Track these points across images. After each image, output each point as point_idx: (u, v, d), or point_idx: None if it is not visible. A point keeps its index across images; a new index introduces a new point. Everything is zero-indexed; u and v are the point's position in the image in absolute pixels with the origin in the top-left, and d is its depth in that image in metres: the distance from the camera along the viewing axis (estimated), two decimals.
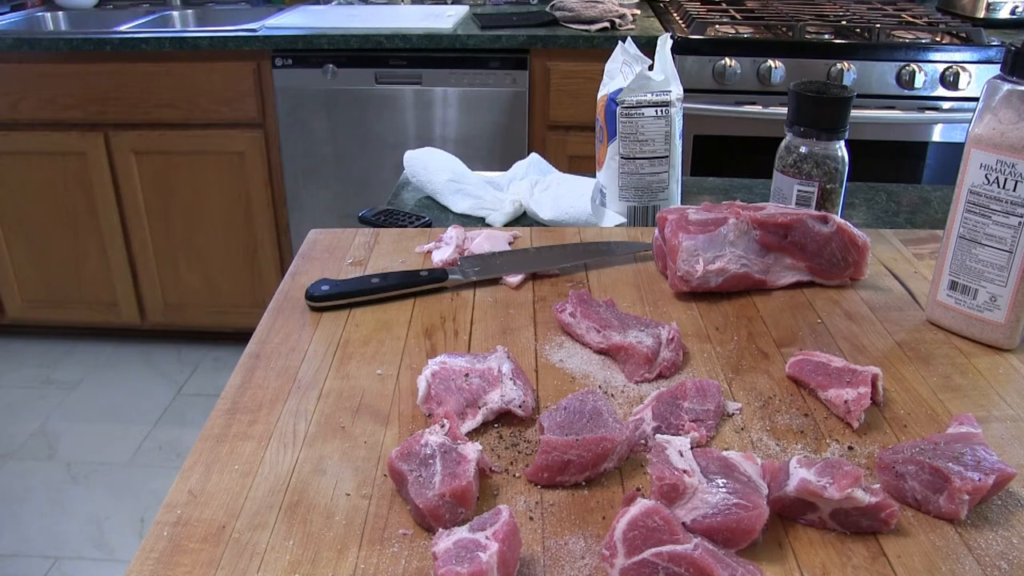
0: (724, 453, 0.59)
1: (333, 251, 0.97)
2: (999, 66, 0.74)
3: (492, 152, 2.39)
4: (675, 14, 2.53)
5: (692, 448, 0.59)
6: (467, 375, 0.69)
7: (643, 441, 0.64)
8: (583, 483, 0.61)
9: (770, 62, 2.15)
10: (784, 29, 2.28)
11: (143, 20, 2.58)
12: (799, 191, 0.94)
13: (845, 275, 0.88)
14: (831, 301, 0.86)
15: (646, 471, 0.61)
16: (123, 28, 2.42)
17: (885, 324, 0.82)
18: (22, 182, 2.52)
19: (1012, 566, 0.53)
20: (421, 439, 0.60)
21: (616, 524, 0.52)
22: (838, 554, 0.55)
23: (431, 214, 1.14)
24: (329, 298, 0.84)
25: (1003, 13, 2.43)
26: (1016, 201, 0.73)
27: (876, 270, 0.92)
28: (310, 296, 0.84)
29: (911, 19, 2.35)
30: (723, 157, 2.27)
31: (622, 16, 2.36)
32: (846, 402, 0.66)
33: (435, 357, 0.72)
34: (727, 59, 2.15)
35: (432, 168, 1.18)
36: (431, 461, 0.59)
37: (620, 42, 1.11)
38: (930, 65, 2.13)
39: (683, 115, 1.06)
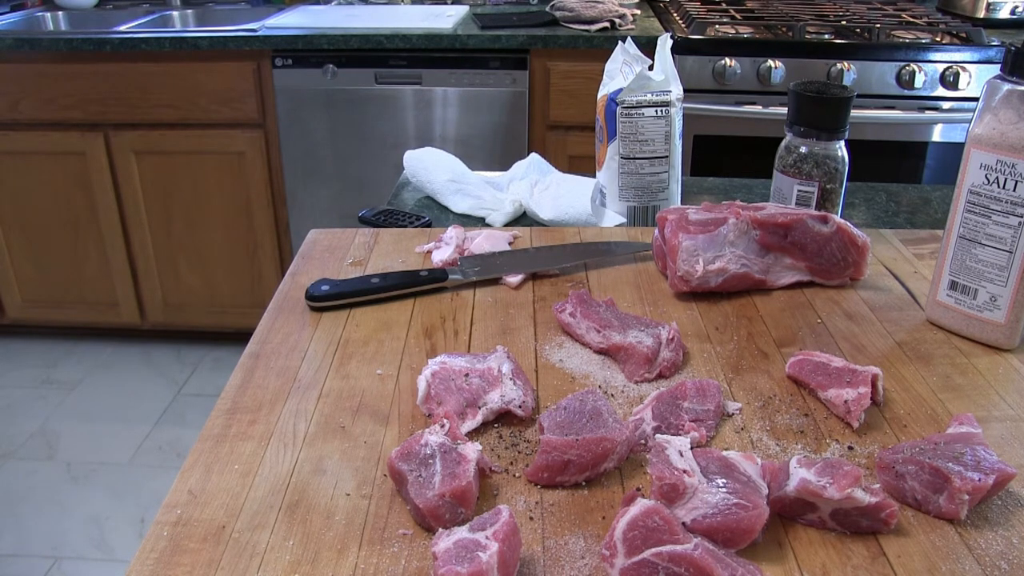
0: (724, 453, 0.59)
1: (333, 251, 0.97)
2: (999, 66, 0.74)
3: (492, 152, 2.39)
4: (675, 14, 2.53)
5: (692, 448, 0.59)
6: (467, 375, 0.69)
7: (643, 441, 0.64)
8: (583, 483, 0.61)
9: (770, 62, 2.15)
10: (784, 29, 2.28)
11: (143, 20, 2.58)
12: (799, 191, 0.94)
13: (845, 275, 0.88)
14: (831, 301, 0.86)
15: (646, 471, 0.61)
16: (123, 28, 2.42)
17: (885, 324, 0.82)
18: (22, 182, 2.52)
19: (1012, 566, 0.53)
20: (421, 439, 0.60)
21: (616, 524, 0.52)
22: (838, 554, 0.55)
23: (431, 214, 1.14)
24: (329, 298, 0.84)
25: (1003, 13, 2.43)
26: (1016, 201, 0.73)
27: (876, 270, 0.92)
28: (310, 296, 0.84)
29: (911, 19, 2.35)
30: (723, 157, 2.27)
31: (622, 16, 2.36)
32: (846, 402, 0.66)
33: (435, 357, 0.72)
34: (727, 59, 2.15)
35: (432, 168, 1.18)
36: (431, 461, 0.59)
37: (620, 42, 1.11)
38: (930, 65, 2.13)
39: (683, 115, 1.06)
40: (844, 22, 2.31)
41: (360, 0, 2.82)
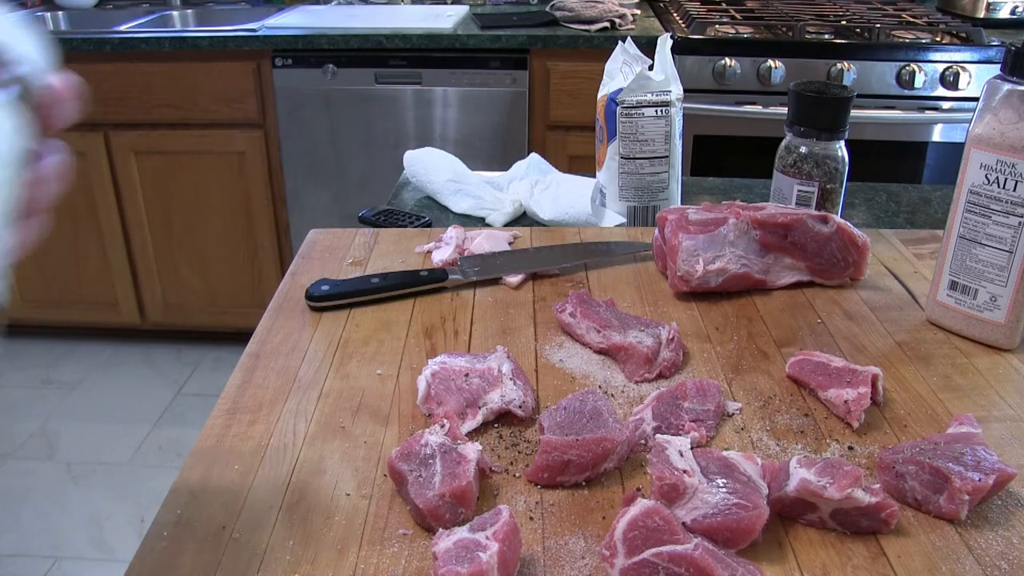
0: (724, 453, 0.58)
1: (333, 251, 0.97)
2: (999, 66, 0.74)
3: (492, 152, 2.39)
4: (675, 14, 2.53)
5: (692, 448, 0.59)
6: (467, 375, 0.69)
7: (643, 441, 0.64)
8: (583, 483, 0.61)
9: (770, 62, 2.15)
10: (784, 29, 2.28)
11: (143, 20, 2.58)
12: (799, 191, 0.94)
13: (845, 275, 0.88)
14: (831, 301, 0.86)
15: (646, 471, 0.61)
16: (123, 28, 2.42)
17: (885, 324, 0.82)
18: None
19: (1012, 566, 0.53)
20: (421, 439, 0.60)
21: (616, 524, 0.52)
22: (838, 554, 0.55)
23: (431, 214, 1.14)
24: (329, 298, 0.84)
25: (1003, 13, 2.43)
26: (1016, 201, 0.73)
27: (876, 270, 0.92)
28: (310, 296, 0.84)
29: (911, 19, 2.35)
30: (723, 157, 2.27)
31: (622, 16, 2.36)
32: (846, 402, 0.66)
33: (435, 357, 0.72)
34: (727, 59, 2.15)
35: (432, 168, 1.18)
36: (431, 461, 0.59)
37: (620, 42, 1.11)
38: (930, 65, 2.13)
39: (683, 115, 1.06)
40: (844, 22, 2.31)
41: (360, 0, 2.82)
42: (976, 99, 0.77)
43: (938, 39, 2.21)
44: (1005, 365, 0.75)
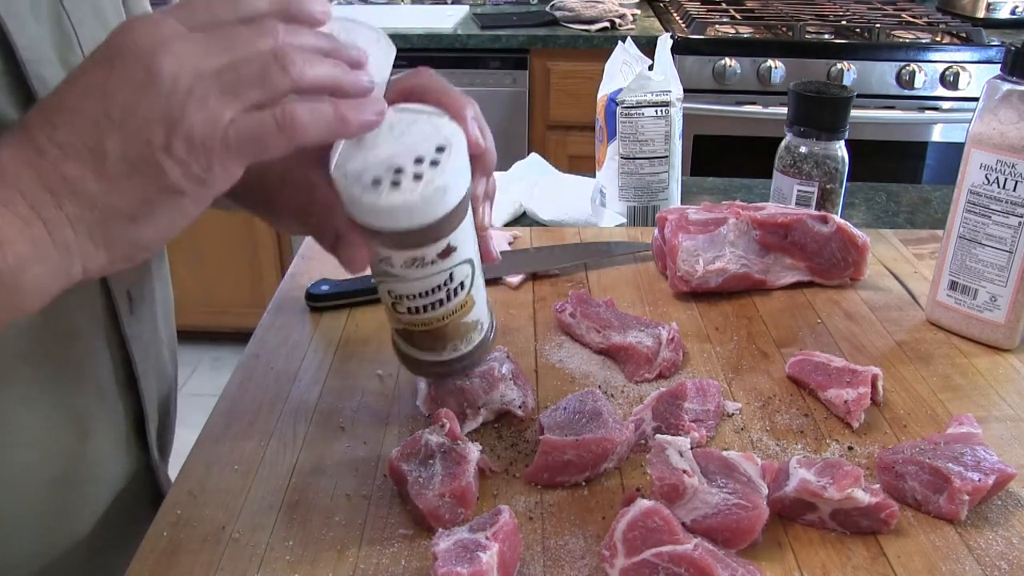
0: (724, 453, 0.58)
1: None
2: (999, 66, 0.74)
3: None
4: (675, 14, 2.54)
5: (692, 448, 0.59)
6: (467, 375, 0.69)
7: (643, 441, 0.64)
8: (583, 483, 0.61)
9: (770, 62, 2.15)
10: (784, 29, 2.28)
11: None
12: (799, 191, 0.94)
13: (845, 275, 0.88)
14: (831, 301, 0.86)
15: (646, 471, 0.61)
16: None
17: (885, 324, 0.82)
18: None
19: (1012, 566, 0.53)
20: (421, 439, 0.60)
21: (616, 524, 0.52)
22: (838, 554, 0.55)
23: None
24: (329, 298, 0.84)
25: (1003, 13, 2.43)
26: (1016, 201, 0.73)
27: (876, 270, 0.92)
28: (310, 296, 0.84)
29: (911, 19, 2.35)
30: (723, 157, 2.27)
31: (622, 16, 2.36)
32: (846, 402, 0.66)
33: None
34: (727, 59, 2.15)
35: None
36: (431, 461, 0.59)
37: (620, 42, 1.11)
38: (930, 65, 2.13)
39: (683, 115, 1.06)
40: (844, 22, 2.31)
41: (360, 0, 2.82)
42: (976, 99, 0.77)
43: (938, 39, 2.21)
44: (1005, 365, 0.75)
